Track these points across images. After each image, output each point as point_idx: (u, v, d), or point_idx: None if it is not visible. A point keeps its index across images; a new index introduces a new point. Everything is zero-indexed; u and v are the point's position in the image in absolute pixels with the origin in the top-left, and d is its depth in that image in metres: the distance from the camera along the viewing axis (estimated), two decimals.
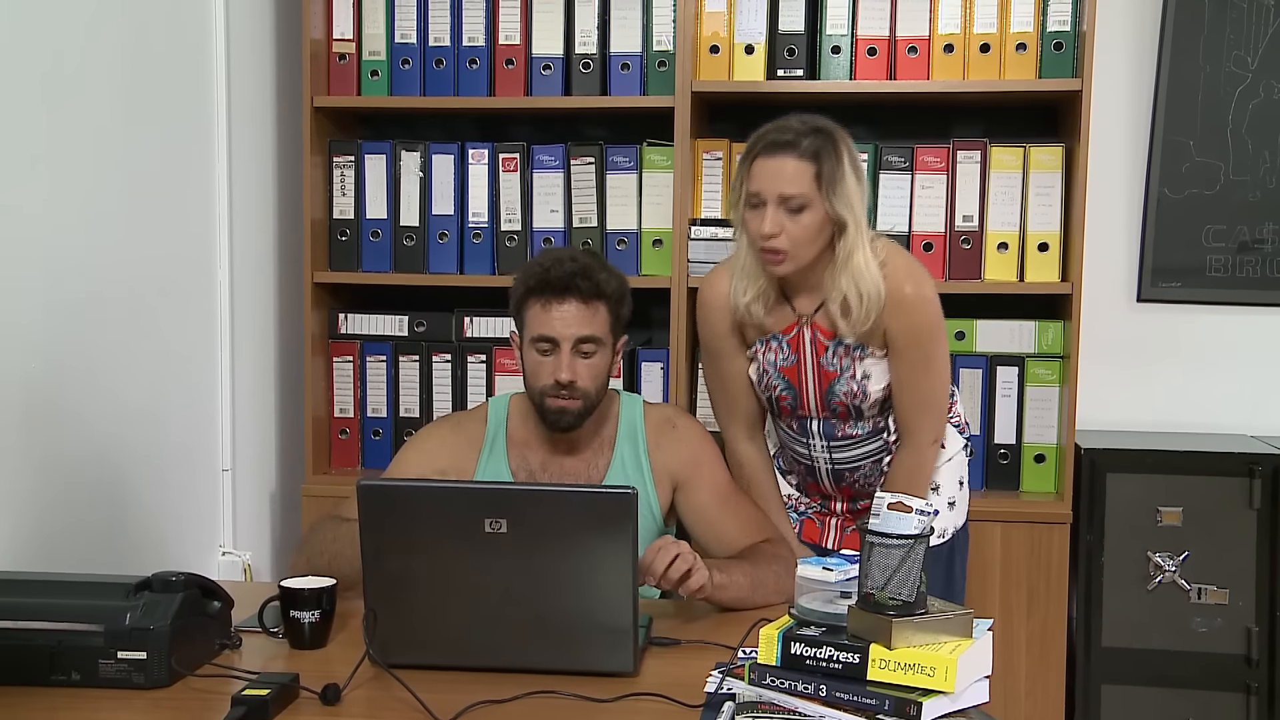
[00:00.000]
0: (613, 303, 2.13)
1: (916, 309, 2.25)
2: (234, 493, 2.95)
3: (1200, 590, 2.83)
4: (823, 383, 2.30)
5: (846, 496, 2.44)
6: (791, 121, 2.20)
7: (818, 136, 2.16)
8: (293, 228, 3.14)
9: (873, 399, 2.30)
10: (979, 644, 1.59)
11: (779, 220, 2.15)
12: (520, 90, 2.97)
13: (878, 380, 2.29)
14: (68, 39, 2.30)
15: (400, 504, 1.75)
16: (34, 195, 2.20)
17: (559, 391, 2.10)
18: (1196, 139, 3.08)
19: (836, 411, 2.32)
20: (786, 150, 2.15)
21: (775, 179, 2.15)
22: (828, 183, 2.14)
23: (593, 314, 2.10)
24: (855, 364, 2.28)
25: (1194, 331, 3.14)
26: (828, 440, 2.36)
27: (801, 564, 1.78)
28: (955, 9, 2.83)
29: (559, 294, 2.09)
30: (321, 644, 1.86)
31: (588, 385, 2.11)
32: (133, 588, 1.73)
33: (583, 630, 1.72)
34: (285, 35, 3.14)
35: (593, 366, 2.11)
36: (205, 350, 2.84)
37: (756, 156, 2.18)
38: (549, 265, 2.12)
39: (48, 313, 2.24)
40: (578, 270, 2.10)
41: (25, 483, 2.18)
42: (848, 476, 2.40)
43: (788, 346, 2.31)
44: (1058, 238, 2.85)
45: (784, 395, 2.33)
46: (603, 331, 2.12)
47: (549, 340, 2.10)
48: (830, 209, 2.15)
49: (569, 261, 2.11)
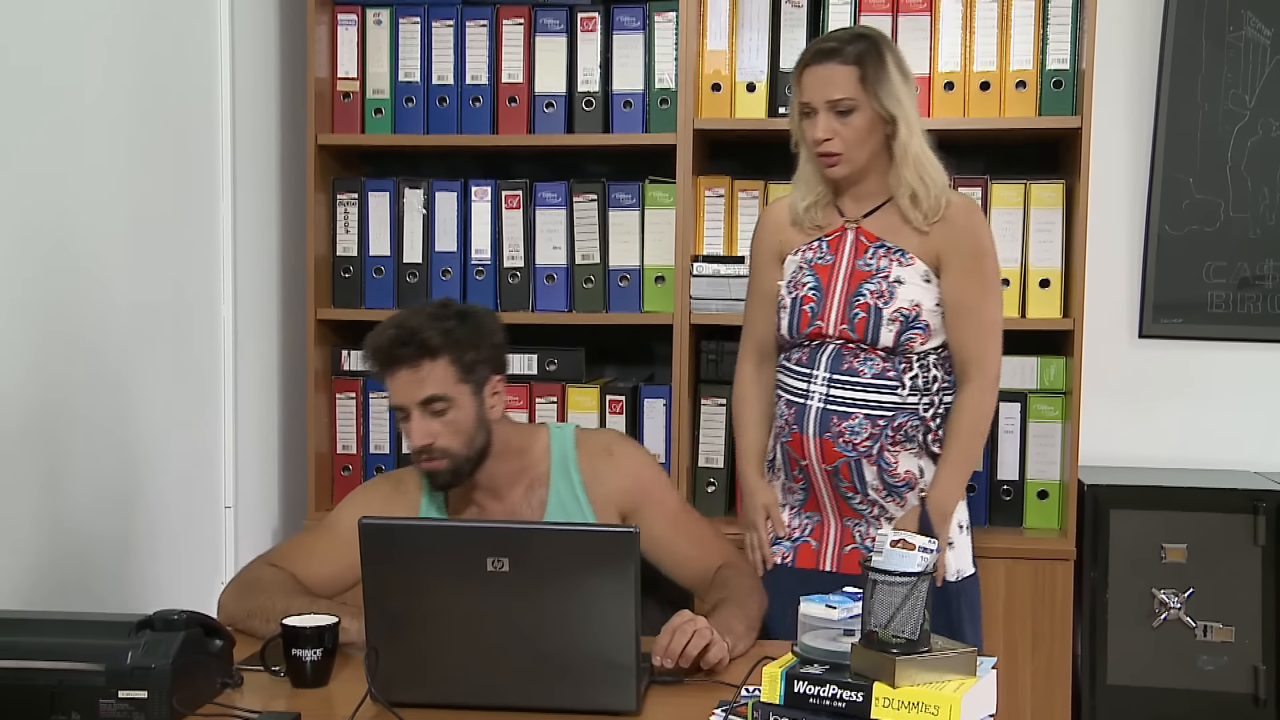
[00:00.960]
0: (453, 353, 2.06)
1: (976, 216, 2.35)
2: (236, 530, 2.94)
3: (1206, 628, 2.82)
4: (852, 283, 2.31)
5: (826, 453, 2.32)
6: (836, 31, 2.37)
7: (860, 42, 2.27)
8: (296, 264, 3.15)
9: (896, 305, 2.28)
10: (983, 682, 1.58)
11: (830, 125, 2.26)
12: (523, 128, 2.99)
13: (907, 290, 2.28)
14: (76, 76, 2.32)
15: (402, 542, 1.75)
16: (39, 234, 2.21)
17: (420, 455, 2.09)
18: (1196, 176, 3.09)
19: (855, 319, 2.29)
20: (831, 58, 2.26)
21: (823, 86, 2.26)
22: (873, 83, 2.24)
23: (427, 374, 2.05)
24: (892, 265, 2.30)
25: (1196, 367, 3.14)
26: (831, 372, 2.30)
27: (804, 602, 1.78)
28: (955, 47, 2.85)
29: (389, 365, 2.06)
30: (323, 682, 1.85)
31: (447, 443, 2.07)
32: (134, 626, 1.72)
33: (585, 668, 1.71)
34: (290, 74, 3.17)
35: (450, 423, 2.07)
36: (208, 386, 2.85)
37: (805, 67, 2.29)
38: (377, 335, 2.09)
39: (49, 348, 2.25)
40: (398, 337, 2.05)
41: (27, 520, 2.18)
42: (834, 425, 2.29)
43: (827, 246, 2.36)
44: (1059, 274, 2.86)
45: (809, 295, 2.33)
46: (446, 386, 2.06)
47: (399, 409, 2.08)
48: (880, 107, 2.25)
49: (391, 329, 2.07)
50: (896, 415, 2.30)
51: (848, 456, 2.31)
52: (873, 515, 2.34)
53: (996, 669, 1.63)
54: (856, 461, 2.31)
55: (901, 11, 2.86)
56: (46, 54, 2.23)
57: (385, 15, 3.03)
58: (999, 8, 2.83)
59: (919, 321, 2.29)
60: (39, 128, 2.21)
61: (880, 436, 2.30)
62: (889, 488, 2.32)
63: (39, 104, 2.21)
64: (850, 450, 2.30)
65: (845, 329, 2.30)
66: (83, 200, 2.35)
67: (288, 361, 3.19)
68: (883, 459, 2.30)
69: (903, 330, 2.28)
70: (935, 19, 2.85)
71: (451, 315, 2.10)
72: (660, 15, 2.93)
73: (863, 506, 2.34)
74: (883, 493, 2.32)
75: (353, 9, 3.04)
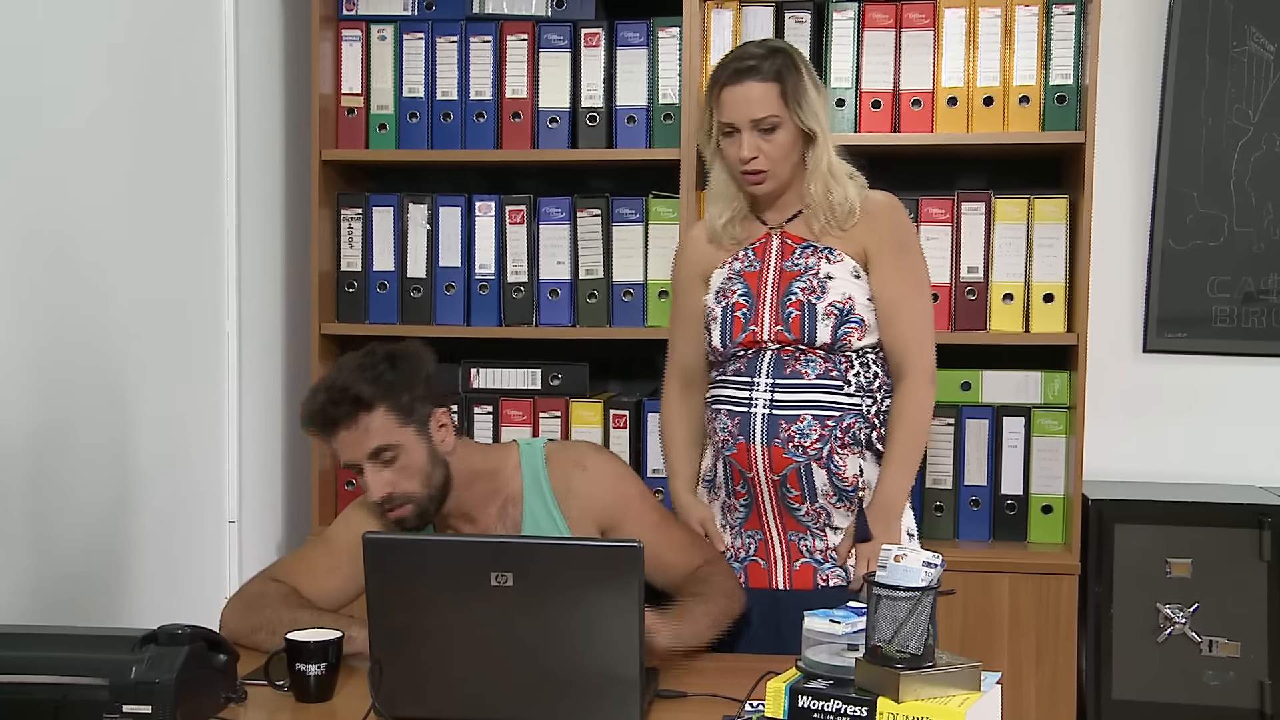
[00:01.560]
0: (388, 400, 2.04)
1: (897, 211, 2.33)
2: (240, 544, 2.94)
3: (1211, 643, 2.81)
4: (781, 284, 2.30)
5: (774, 461, 2.27)
6: (749, 47, 2.32)
7: (777, 57, 2.27)
8: (300, 279, 3.16)
9: (829, 299, 2.25)
10: (988, 697, 1.58)
11: (754, 143, 2.25)
12: (527, 143, 3.00)
13: (838, 286, 2.27)
14: (80, 92, 2.33)
15: (405, 557, 1.75)
16: (41, 245, 2.22)
17: (383, 506, 2.08)
18: (1200, 190, 3.09)
19: (789, 319, 2.26)
20: (750, 75, 2.25)
21: (745, 105, 2.25)
22: (793, 99, 2.25)
23: (365, 429, 2.03)
24: (820, 263, 2.29)
25: (1200, 382, 3.14)
26: (774, 378, 2.27)
27: (809, 616, 1.78)
28: (959, 63, 2.86)
29: (328, 428, 2.05)
30: (327, 697, 1.85)
31: (406, 489, 2.07)
32: (138, 641, 1.72)
33: (588, 683, 1.71)
34: (295, 89, 3.18)
35: (403, 469, 2.06)
36: (213, 400, 2.85)
37: (724, 86, 2.27)
38: (308, 400, 2.08)
39: (52, 361, 2.25)
40: (330, 398, 2.03)
41: (31, 535, 2.18)
42: (783, 430, 2.25)
43: (754, 254, 2.35)
44: (1063, 288, 2.86)
45: (740, 302, 2.31)
46: (390, 434, 2.04)
47: (351, 466, 2.08)
48: (800, 122, 2.26)
49: (321, 393, 2.05)
50: (844, 416, 2.26)
51: (797, 462, 2.25)
52: (818, 526, 2.30)
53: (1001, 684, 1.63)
54: (806, 467, 2.25)
55: (905, 27, 2.87)
56: (52, 71, 2.24)
57: (389, 31, 3.04)
58: (1002, 23, 2.84)
59: (853, 315, 2.26)
60: (42, 141, 2.22)
61: (829, 438, 2.25)
62: (839, 492, 2.27)
63: (43, 118, 2.22)
64: (800, 454, 2.25)
65: (780, 330, 2.27)
66: (87, 213, 2.36)
67: (292, 376, 3.19)
68: (832, 462, 2.26)
69: (838, 324, 2.26)
70: (939, 34, 2.86)
71: (380, 361, 2.07)
72: (664, 31, 2.94)
73: (807, 518, 2.29)
74: (832, 498, 2.27)
75: (357, 25, 3.05)
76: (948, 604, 2.62)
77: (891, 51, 2.87)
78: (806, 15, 2.90)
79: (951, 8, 2.86)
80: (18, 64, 2.14)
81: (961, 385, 2.92)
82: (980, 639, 2.77)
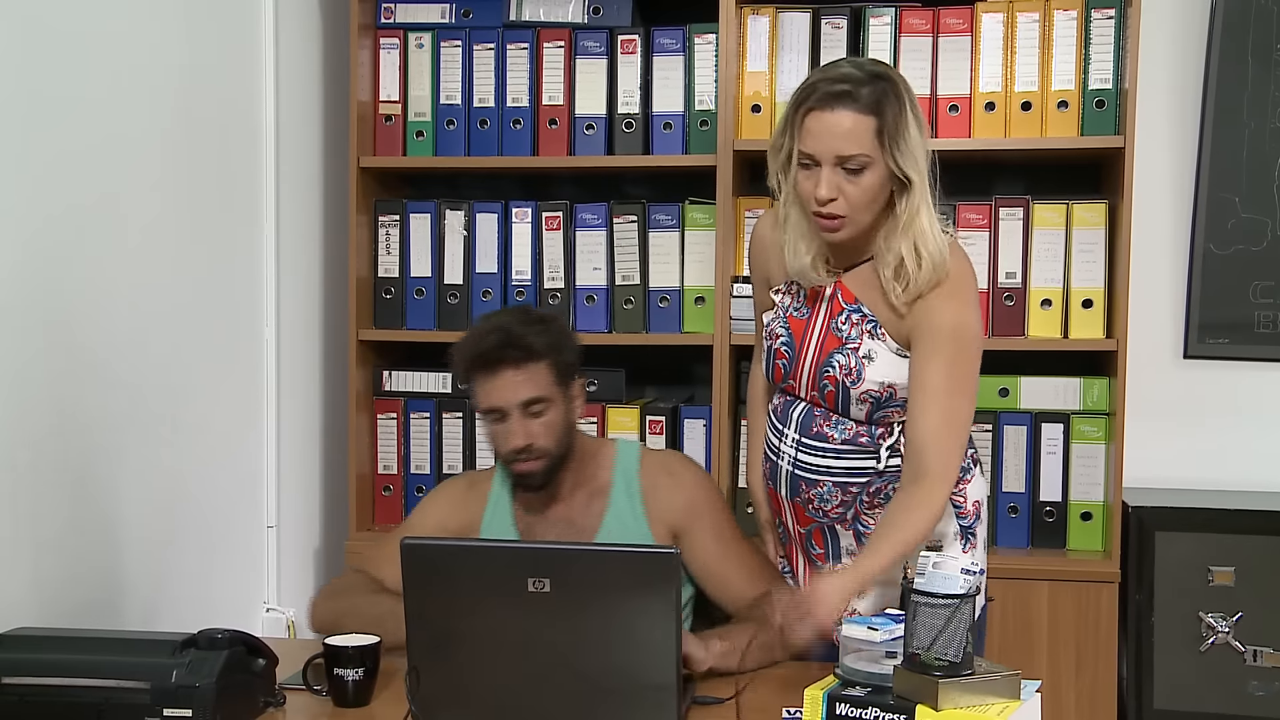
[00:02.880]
0: (552, 355, 2.13)
1: (968, 301, 2.00)
2: (278, 549, 2.96)
3: (1256, 653, 2.77)
4: (824, 349, 2.06)
5: (799, 516, 2.16)
6: (845, 68, 1.95)
7: (878, 84, 1.92)
8: (338, 286, 3.17)
9: (864, 387, 2.02)
10: (1027, 706, 1.57)
11: (836, 183, 1.92)
12: (563, 150, 3.00)
13: (878, 368, 2.02)
14: (121, 100, 2.35)
15: (443, 563, 1.75)
16: (84, 255, 2.24)
17: (518, 456, 2.13)
18: (1242, 195, 3.06)
19: (825, 390, 2.05)
20: (844, 102, 1.90)
21: (832, 137, 1.91)
22: (891, 137, 1.91)
23: (529, 376, 2.10)
24: (864, 338, 2.03)
25: (1243, 388, 3.11)
26: (801, 434, 2.10)
27: (846, 624, 1.77)
28: (996, 68, 2.84)
29: (492, 367, 2.10)
30: (365, 702, 1.86)
31: (545, 444, 2.13)
32: (178, 645, 1.74)
33: (626, 690, 1.71)
34: (333, 98, 3.20)
35: (546, 424, 2.12)
36: (251, 407, 2.87)
37: (811, 110, 1.93)
38: (476, 338, 2.14)
39: (96, 369, 2.27)
40: (504, 340, 2.10)
41: (73, 539, 2.21)
42: (804, 491, 2.11)
43: (804, 296, 2.11)
44: (1102, 294, 2.84)
45: (781, 350, 2.11)
46: (545, 389, 2.11)
47: (496, 410, 2.12)
48: (895, 166, 1.92)
49: (495, 333, 2.12)
50: (871, 482, 2.09)
51: (819, 522, 2.14)
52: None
53: (1040, 693, 1.62)
54: (830, 527, 2.14)
55: (942, 32, 2.86)
56: (92, 78, 2.27)
57: (427, 39, 3.05)
58: (1040, 28, 2.82)
59: (894, 400, 2.04)
60: (84, 150, 2.25)
61: (854, 503, 2.10)
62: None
63: (84, 126, 2.25)
64: (821, 517, 2.13)
65: (816, 395, 2.08)
66: (127, 222, 2.38)
67: (330, 382, 3.21)
68: (859, 523, 2.12)
69: (874, 409, 2.05)
70: (976, 39, 2.85)
71: (538, 319, 2.16)
72: (700, 37, 2.94)
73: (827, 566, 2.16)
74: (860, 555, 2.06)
75: (395, 33, 3.06)
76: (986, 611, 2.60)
77: (929, 57, 2.86)
78: (843, 20, 2.89)
79: (989, 13, 2.84)
80: (63, 73, 2.17)
81: (1000, 391, 2.90)
82: (1019, 647, 2.75)
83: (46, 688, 1.72)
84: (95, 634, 1.89)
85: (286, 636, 2.90)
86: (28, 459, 2.07)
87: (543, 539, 2.18)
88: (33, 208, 2.09)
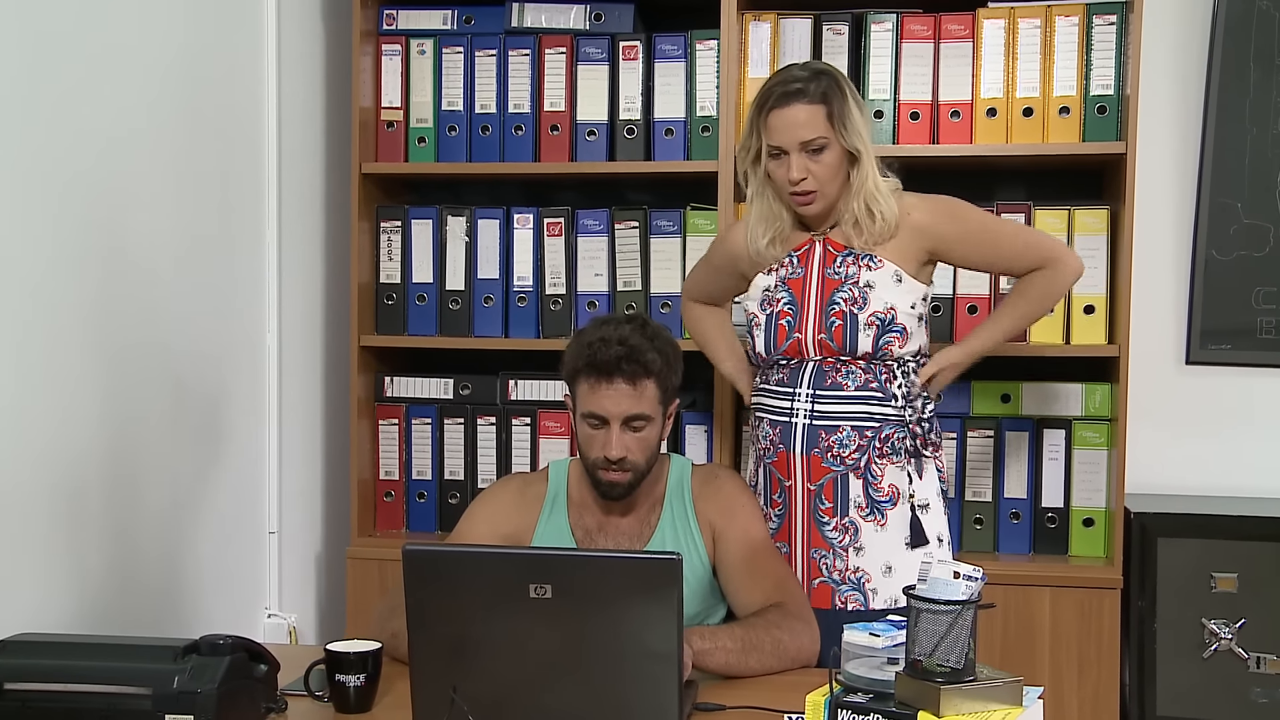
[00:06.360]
0: (661, 378, 2.18)
1: (942, 200, 2.39)
2: (280, 555, 2.97)
3: (1259, 659, 2.77)
4: (825, 292, 2.35)
5: (813, 471, 2.33)
6: (793, 70, 2.35)
7: (822, 79, 2.31)
8: (340, 292, 3.18)
9: (870, 309, 2.31)
10: (1029, 712, 1.57)
11: (803, 164, 2.30)
12: (565, 156, 3.01)
13: (879, 294, 2.32)
14: (124, 106, 2.36)
15: (444, 569, 1.75)
16: (86, 262, 2.24)
17: (609, 466, 2.16)
18: (1244, 201, 3.06)
19: (832, 328, 2.32)
20: (797, 98, 2.29)
21: (793, 128, 2.29)
22: (839, 119, 2.29)
23: (640, 393, 2.16)
24: (861, 270, 2.33)
25: (1245, 394, 3.10)
26: (815, 388, 2.34)
27: (848, 630, 1.77)
28: (998, 74, 2.84)
29: (606, 376, 2.15)
30: (367, 708, 1.86)
31: (637, 459, 2.18)
32: (181, 651, 1.74)
33: (627, 696, 1.71)
34: (335, 104, 3.20)
35: (643, 440, 2.17)
36: (253, 412, 2.88)
37: (771, 110, 2.31)
38: (597, 346, 2.16)
39: (100, 375, 2.28)
40: (624, 354, 2.14)
41: (75, 546, 2.21)
42: (822, 440, 2.33)
43: (797, 260, 2.40)
44: (1104, 300, 2.83)
45: (785, 310, 2.37)
46: (651, 408, 2.18)
47: (598, 418, 2.16)
48: (845, 142, 2.30)
49: (616, 345, 2.15)
50: (884, 426, 2.33)
51: (835, 471, 2.33)
52: (842, 546, 2.33)
53: (1043, 699, 1.62)
54: (843, 477, 2.33)
55: (944, 39, 2.86)
56: (94, 85, 2.27)
57: (429, 45, 3.06)
58: (1042, 34, 2.83)
59: (895, 325, 2.32)
60: (88, 155, 2.25)
61: (868, 448, 2.32)
62: (872, 503, 2.32)
63: (87, 131, 2.25)
64: (838, 464, 2.33)
65: (824, 338, 2.33)
66: (129, 228, 2.38)
67: (331, 388, 3.21)
68: (870, 472, 2.33)
69: (880, 334, 2.31)
70: (978, 45, 2.85)
71: (654, 335, 2.22)
72: (702, 44, 2.94)
73: (834, 534, 2.33)
74: (865, 510, 2.32)
75: (397, 39, 3.07)
76: (988, 618, 2.60)
77: (930, 63, 2.86)
78: (845, 27, 2.89)
79: (991, 19, 2.84)
80: (65, 80, 2.17)
81: (1001, 397, 2.90)
82: (1021, 653, 2.75)
83: (49, 694, 1.72)
84: (97, 640, 1.89)
85: (288, 642, 2.90)
86: (28, 467, 2.07)
87: (600, 548, 2.21)
88: (36, 216, 2.09)
